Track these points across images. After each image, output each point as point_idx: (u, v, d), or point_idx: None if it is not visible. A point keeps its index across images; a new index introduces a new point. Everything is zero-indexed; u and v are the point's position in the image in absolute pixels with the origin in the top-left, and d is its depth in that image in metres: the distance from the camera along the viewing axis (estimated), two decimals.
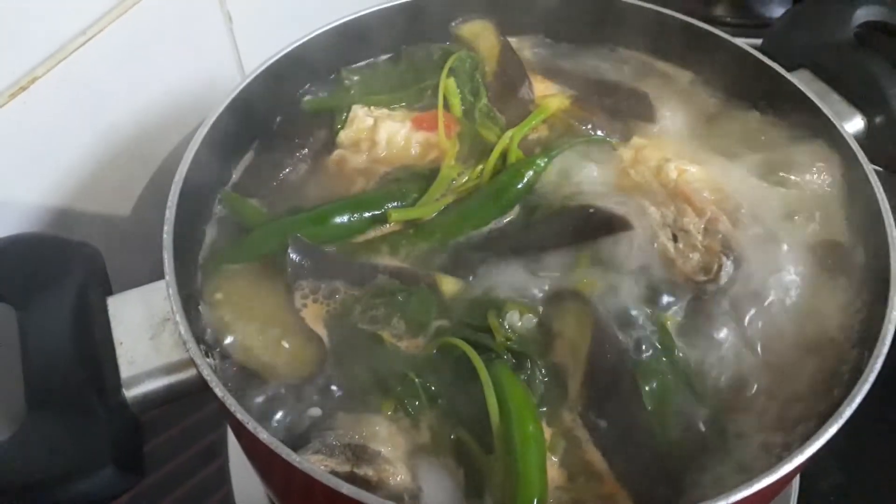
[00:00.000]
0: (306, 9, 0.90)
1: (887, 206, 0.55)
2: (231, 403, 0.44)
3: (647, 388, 0.50)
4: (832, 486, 0.78)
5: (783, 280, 0.56)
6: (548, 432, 0.50)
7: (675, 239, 0.58)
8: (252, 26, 0.92)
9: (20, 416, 0.47)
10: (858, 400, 0.45)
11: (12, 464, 0.43)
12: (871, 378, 0.46)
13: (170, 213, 0.54)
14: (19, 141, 0.71)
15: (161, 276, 0.52)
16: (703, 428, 0.50)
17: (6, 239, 0.53)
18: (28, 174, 0.73)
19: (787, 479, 0.47)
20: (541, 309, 0.55)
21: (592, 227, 0.58)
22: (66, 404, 0.47)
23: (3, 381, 0.52)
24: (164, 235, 0.53)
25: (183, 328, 0.48)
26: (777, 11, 1.05)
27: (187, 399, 0.53)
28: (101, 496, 0.44)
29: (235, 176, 0.67)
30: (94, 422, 0.46)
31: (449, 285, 0.57)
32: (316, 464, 0.44)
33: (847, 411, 0.45)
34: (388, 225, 0.62)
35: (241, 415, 0.44)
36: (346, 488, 0.41)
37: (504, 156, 0.66)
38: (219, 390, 0.45)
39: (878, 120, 0.65)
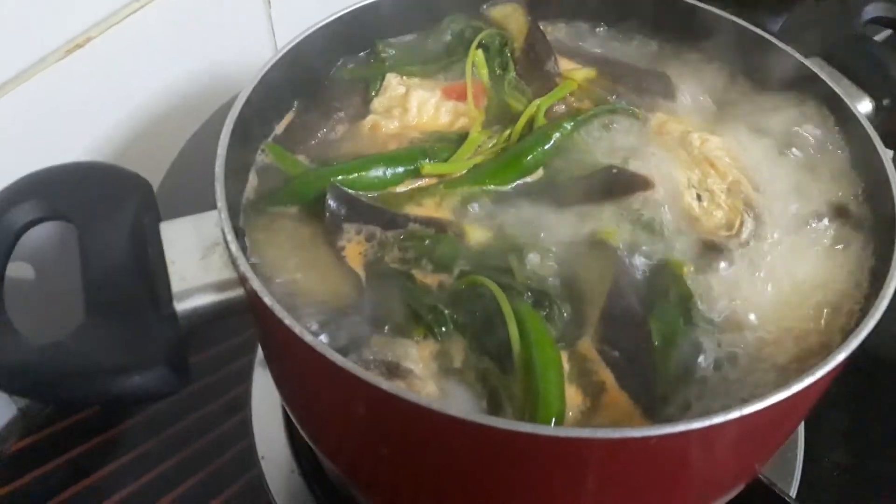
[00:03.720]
0: None
1: (893, 171, 0.59)
2: (278, 310, 0.47)
3: (657, 328, 0.54)
4: (835, 462, 0.80)
5: (797, 236, 0.59)
6: (565, 363, 0.53)
7: (699, 199, 0.61)
8: (288, 8, 0.97)
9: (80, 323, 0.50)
10: (864, 333, 0.48)
11: (73, 356, 0.47)
12: (878, 315, 0.49)
13: (221, 150, 0.58)
14: (73, 94, 0.75)
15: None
16: (705, 367, 0.53)
17: (70, 165, 0.57)
18: (79, 126, 0.77)
19: (789, 410, 0.50)
20: (561, 253, 0.58)
21: (615, 185, 0.62)
22: (123, 312, 0.50)
23: (66, 296, 0.55)
24: (216, 169, 0.56)
25: (233, 246, 0.51)
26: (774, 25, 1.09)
27: (230, 321, 0.56)
28: (155, 391, 0.47)
29: (278, 131, 0.71)
30: (147, 328, 0.50)
31: (475, 233, 0.61)
32: None
33: (854, 342, 0.48)
34: (419, 180, 0.66)
35: (288, 320, 0.47)
36: (386, 385, 0.44)
37: (531, 124, 0.70)
38: (267, 299, 0.48)
39: (885, 102, 0.69)
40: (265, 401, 0.82)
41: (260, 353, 0.85)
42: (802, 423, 0.81)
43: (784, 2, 0.88)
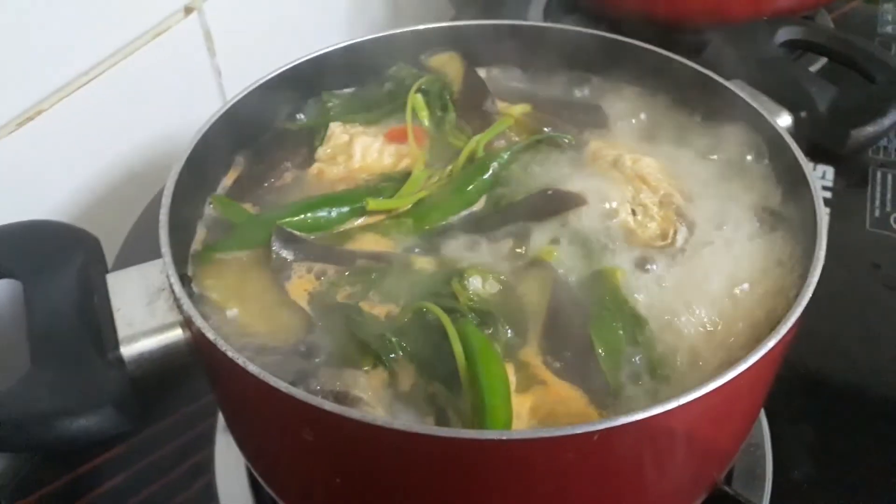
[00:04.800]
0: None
1: (813, 175, 0.62)
2: (221, 344, 0.48)
3: (598, 336, 0.55)
4: (804, 475, 0.81)
5: (728, 239, 0.62)
6: (512, 377, 0.54)
7: (633, 213, 0.64)
8: (238, 75, 1.01)
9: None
10: (793, 320, 0.50)
11: (19, 401, 0.47)
12: (804, 303, 0.51)
13: (165, 200, 0.59)
14: (29, 163, 0.77)
15: None
16: (647, 369, 0.55)
17: (13, 224, 0.58)
18: (38, 192, 0.79)
19: (731, 401, 0.51)
20: (503, 276, 0.60)
21: (551, 205, 0.64)
22: (68, 359, 0.50)
23: (11, 352, 0.55)
24: (161, 217, 0.58)
25: (177, 287, 0.52)
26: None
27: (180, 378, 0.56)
28: (102, 432, 0.47)
29: (227, 183, 0.72)
30: (94, 372, 0.50)
31: (421, 264, 0.62)
32: None
33: (783, 328, 0.49)
34: (364, 217, 0.68)
35: (231, 352, 0.47)
36: (329, 405, 0.44)
37: (472, 160, 0.72)
38: (210, 335, 0.49)
39: (802, 114, 0.73)
40: (229, 463, 0.81)
41: (222, 417, 0.84)
42: (769, 441, 0.81)
43: (703, 31, 0.93)
